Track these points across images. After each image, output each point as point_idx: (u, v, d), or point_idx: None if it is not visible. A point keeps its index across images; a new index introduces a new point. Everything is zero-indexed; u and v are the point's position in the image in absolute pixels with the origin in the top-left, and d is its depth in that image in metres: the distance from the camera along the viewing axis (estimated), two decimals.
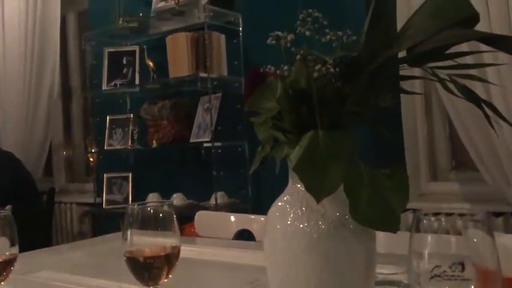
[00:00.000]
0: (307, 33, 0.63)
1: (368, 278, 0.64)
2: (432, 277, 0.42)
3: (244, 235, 1.45)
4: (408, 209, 2.32)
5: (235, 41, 2.61)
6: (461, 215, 2.10)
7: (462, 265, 0.41)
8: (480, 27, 0.63)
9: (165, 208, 0.74)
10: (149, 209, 0.74)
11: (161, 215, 0.74)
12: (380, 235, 0.63)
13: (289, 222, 0.64)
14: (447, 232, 0.46)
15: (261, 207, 2.37)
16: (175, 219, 0.74)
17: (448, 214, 2.13)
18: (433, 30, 0.60)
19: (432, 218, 0.45)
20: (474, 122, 1.90)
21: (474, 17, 0.62)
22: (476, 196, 2.13)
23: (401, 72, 0.65)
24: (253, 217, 1.48)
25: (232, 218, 1.47)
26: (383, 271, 0.86)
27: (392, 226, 0.58)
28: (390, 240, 1.38)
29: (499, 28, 1.83)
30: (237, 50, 2.59)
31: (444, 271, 0.41)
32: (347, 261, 0.62)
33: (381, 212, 0.58)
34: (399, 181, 0.58)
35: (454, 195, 2.25)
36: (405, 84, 0.67)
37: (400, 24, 0.65)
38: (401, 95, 2.03)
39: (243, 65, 2.56)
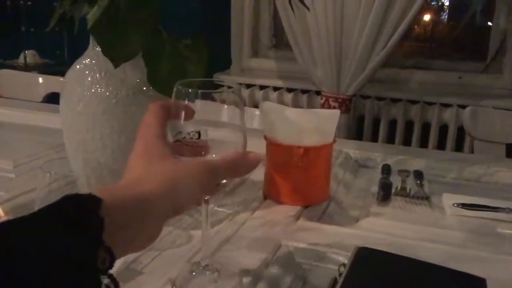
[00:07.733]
0: None
1: None
2: (175, 141, 0.46)
3: (54, 99, 1.38)
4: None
5: None
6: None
7: (198, 133, 0.46)
8: None
9: None
10: None
11: None
12: None
13: (87, 86, 0.62)
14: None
15: None
16: None
17: (263, 88, 2.31)
18: None
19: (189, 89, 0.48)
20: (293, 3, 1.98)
21: None
22: (289, 74, 2.32)
23: None
24: (62, 79, 1.39)
25: (40, 80, 1.36)
26: None
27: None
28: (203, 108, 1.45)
29: None
30: None
31: (184, 137, 0.46)
32: None
33: None
34: (199, 52, 0.60)
35: (271, 71, 2.42)
36: None
37: None
38: None
39: None
